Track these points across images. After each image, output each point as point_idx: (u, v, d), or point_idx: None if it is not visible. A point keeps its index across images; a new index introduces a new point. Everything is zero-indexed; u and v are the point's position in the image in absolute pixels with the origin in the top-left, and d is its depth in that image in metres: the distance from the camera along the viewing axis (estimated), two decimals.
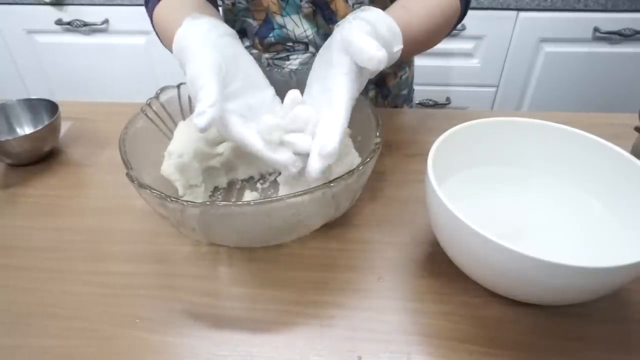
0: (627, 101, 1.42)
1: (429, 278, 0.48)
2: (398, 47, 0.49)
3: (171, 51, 0.52)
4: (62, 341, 0.43)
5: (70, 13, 1.41)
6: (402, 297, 0.46)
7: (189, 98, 0.59)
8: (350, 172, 0.43)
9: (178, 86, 0.58)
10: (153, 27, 0.64)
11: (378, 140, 0.48)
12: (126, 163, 0.46)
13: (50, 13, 1.40)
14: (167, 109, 0.57)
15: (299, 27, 0.69)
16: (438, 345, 0.42)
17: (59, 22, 1.41)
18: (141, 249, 0.53)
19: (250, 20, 0.70)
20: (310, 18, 0.69)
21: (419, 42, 0.57)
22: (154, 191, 0.42)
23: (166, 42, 0.61)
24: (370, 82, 0.78)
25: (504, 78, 1.42)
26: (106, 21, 1.40)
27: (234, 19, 0.74)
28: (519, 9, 1.28)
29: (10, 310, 0.46)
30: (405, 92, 0.86)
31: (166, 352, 0.42)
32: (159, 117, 0.56)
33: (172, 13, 0.59)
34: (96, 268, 0.50)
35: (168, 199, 0.41)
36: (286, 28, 0.70)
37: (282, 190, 0.53)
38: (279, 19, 0.69)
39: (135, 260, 0.51)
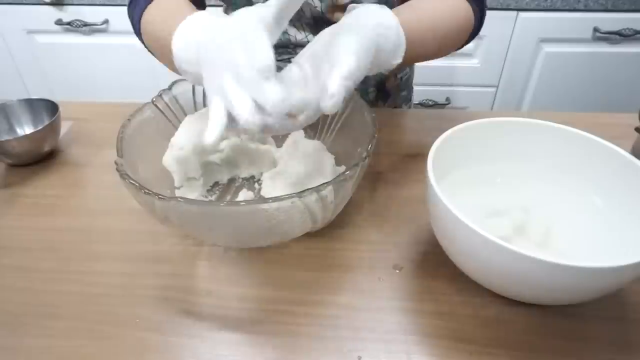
0: (627, 101, 1.42)
1: (429, 278, 0.48)
2: (397, 62, 0.49)
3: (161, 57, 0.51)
4: (62, 341, 0.43)
5: (70, 13, 1.40)
6: (402, 297, 0.46)
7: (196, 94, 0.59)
8: (325, 184, 0.41)
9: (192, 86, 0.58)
10: (138, 32, 0.61)
11: (365, 154, 0.45)
12: (119, 150, 0.46)
13: (50, 13, 1.40)
14: (179, 102, 0.58)
15: (300, 33, 0.70)
16: (438, 345, 0.42)
17: (59, 22, 1.41)
18: (141, 249, 0.53)
19: None
20: (312, 25, 0.69)
21: (428, 48, 0.55)
22: (132, 182, 0.42)
23: (160, 44, 0.55)
24: (370, 84, 0.78)
25: (503, 78, 1.42)
26: (106, 21, 1.40)
27: None
28: (519, 9, 1.28)
29: (10, 310, 0.46)
30: (405, 92, 0.86)
31: (166, 352, 0.42)
32: (170, 108, 0.56)
33: (167, 16, 0.54)
34: (96, 268, 0.50)
35: (142, 191, 0.41)
36: (288, 33, 0.70)
37: (265, 186, 0.54)
38: None
39: (135, 260, 0.51)
